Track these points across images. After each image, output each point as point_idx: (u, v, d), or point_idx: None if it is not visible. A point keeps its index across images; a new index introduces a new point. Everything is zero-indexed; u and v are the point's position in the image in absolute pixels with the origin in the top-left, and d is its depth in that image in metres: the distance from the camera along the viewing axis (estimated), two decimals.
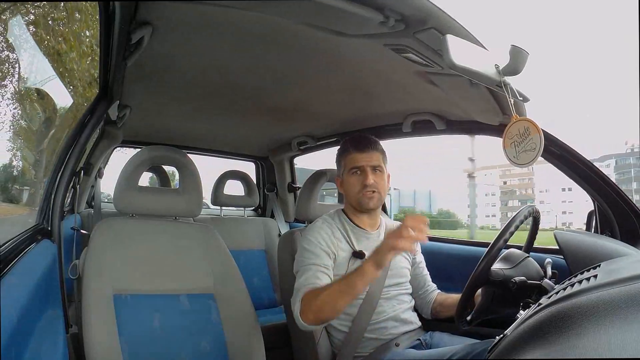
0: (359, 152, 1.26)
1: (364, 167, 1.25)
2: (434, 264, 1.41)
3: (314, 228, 1.26)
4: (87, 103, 1.36)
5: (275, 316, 1.88)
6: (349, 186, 1.27)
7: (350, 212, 1.31)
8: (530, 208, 1.04)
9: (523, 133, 0.86)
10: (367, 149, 1.26)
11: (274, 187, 2.47)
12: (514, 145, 0.88)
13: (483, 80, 0.90)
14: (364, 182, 1.24)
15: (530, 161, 0.87)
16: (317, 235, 1.23)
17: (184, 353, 1.13)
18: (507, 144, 0.88)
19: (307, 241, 1.23)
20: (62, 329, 1.01)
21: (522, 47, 0.86)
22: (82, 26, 3.60)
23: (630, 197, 1.25)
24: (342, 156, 1.30)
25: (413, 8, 0.81)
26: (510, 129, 0.88)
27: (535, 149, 0.86)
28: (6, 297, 0.60)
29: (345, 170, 1.28)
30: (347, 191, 1.29)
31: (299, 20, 0.90)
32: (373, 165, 1.26)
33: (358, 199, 1.25)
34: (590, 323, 0.48)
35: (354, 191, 1.26)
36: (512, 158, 0.88)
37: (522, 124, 0.87)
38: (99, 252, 1.12)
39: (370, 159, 1.26)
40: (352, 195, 1.27)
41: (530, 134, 0.86)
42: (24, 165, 2.97)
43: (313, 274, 1.16)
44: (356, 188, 1.25)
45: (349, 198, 1.29)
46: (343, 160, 1.29)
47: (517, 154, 0.87)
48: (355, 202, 1.27)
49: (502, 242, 0.97)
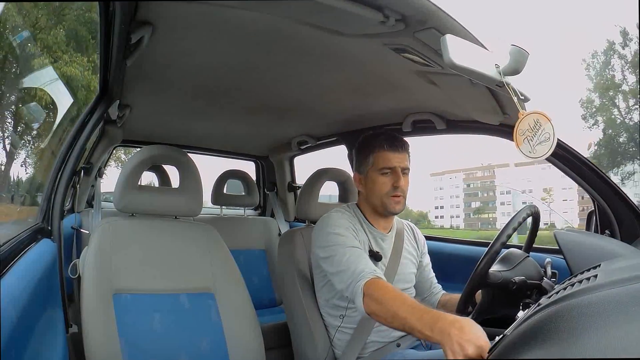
0: (394, 152, 1.19)
1: (397, 169, 1.19)
2: (436, 264, 1.41)
3: (334, 216, 1.19)
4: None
5: (275, 316, 1.88)
6: (376, 185, 1.20)
7: (367, 211, 1.25)
8: (530, 208, 1.03)
9: (534, 126, 0.85)
10: (401, 150, 1.20)
11: (274, 187, 2.47)
12: (527, 141, 0.86)
13: (483, 80, 0.89)
14: (395, 184, 1.18)
15: (547, 152, 0.85)
16: (341, 221, 1.17)
17: (184, 352, 1.13)
18: (520, 140, 0.87)
19: (330, 227, 1.15)
20: (62, 329, 1.01)
21: (522, 47, 0.86)
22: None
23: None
24: (372, 152, 1.21)
25: (413, 8, 0.81)
26: (519, 125, 0.87)
27: (549, 138, 0.84)
28: (6, 297, 0.61)
29: (374, 168, 1.20)
30: (373, 190, 1.21)
31: (299, 20, 0.90)
32: (403, 167, 1.20)
33: (384, 201, 1.20)
34: (590, 323, 0.48)
35: (381, 192, 1.19)
36: (528, 154, 0.86)
37: (531, 117, 0.85)
38: (99, 252, 1.12)
39: (402, 161, 1.20)
40: (378, 195, 1.20)
41: (542, 125, 0.85)
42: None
43: (359, 255, 1.08)
44: (385, 189, 1.19)
45: (373, 198, 1.22)
46: (372, 157, 1.21)
47: (533, 147, 0.86)
48: (380, 203, 1.20)
49: (500, 245, 0.97)
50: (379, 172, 1.20)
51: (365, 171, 1.23)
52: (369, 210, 1.26)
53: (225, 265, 1.25)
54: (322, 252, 1.15)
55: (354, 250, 1.11)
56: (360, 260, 1.08)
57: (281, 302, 2.06)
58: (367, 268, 1.05)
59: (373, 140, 1.23)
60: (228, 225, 2.14)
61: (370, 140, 1.24)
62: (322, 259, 1.15)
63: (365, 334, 1.19)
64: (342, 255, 1.09)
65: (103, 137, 1.81)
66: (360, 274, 1.03)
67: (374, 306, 0.98)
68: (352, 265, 1.07)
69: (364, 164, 1.23)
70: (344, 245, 1.11)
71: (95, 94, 1.24)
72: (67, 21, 8.38)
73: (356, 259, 1.08)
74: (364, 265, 1.06)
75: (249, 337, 1.19)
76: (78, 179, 1.57)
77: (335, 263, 1.10)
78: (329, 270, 1.13)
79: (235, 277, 1.25)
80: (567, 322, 0.50)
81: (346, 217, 1.20)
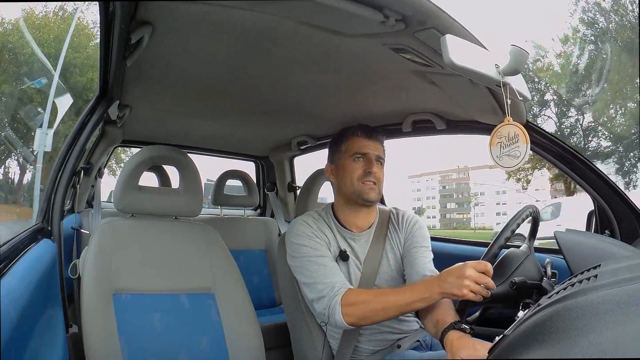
0: (367, 139, 1.17)
1: (370, 155, 1.16)
2: (436, 264, 1.40)
3: (298, 222, 1.19)
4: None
5: (275, 316, 1.88)
6: (347, 172, 1.17)
7: (339, 207, 1.23)
8: (530, 208, 1.04)
9: (512, 138, 0.86)
10: (374, 138, 1.19)
11: (274, 187, 2.46)
12: (500, 146, 0.87)
13: (483, 80, 0.89)
14: (367, 169, 1.15)
15: (511, 167, 0.87)
16: (303, 227, 1.17)
17: (184, 352, 1.12)
18: (494, 142, 0.88)
19: (295, 236, 1.16)
20: (62, 329, 1.01)
21: (522, 47, 0.86)
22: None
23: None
24: (344, 140, 1.20)
25: (413, 8, 0.81)
26: (500, 129, 0.87)
27: (518, 157, 0.85)
28: (6, 297, 0.61)
29: (346, 154, 1.18)
30: (344, 178, 1.18)
31: (299, 20, 0.90)
32: (377, 155, 1.18)
33: (357, 187, 1.15)
34: (590, 323, 0.48)
35: (353, 177, 1.16)
36: (495, 157, 0.87)
37: (513, 128, 0.86)
38: (99, 252, 1.12)
39: (376, 149, 1.19)
40: (349, 182, 1.16)
41: (518, 141, 0.85)
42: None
43: (328, 267, 1.09)
44: (357, 173, 1.15)
45: (345, 186, 1.18)
46: (344, 144, 1.19)
47: (501, 155, 0.87)
48: (352, 191, 1.16)
49: (499, 247, 0.97)
50: (351, 158, 1.18)
51: (337, 160, 1.21)
52: (341, 205, 1.22)
53: (225, 266, 1.25)
54: (292, 261, 1.18)
55: (321, 260, 1.12)
56: (328, 272, 1.10)
57: (281, 302, 2.06)
58: (338, 282, 1.08)
59: (347, 129, 1.22)
60: (228, 226, 2.14)
61: (344, 131, 1.23)
62: (293, 267, 1.18)
63: (356, 332, 1.17)
64: (311, 266, 1.12)
65: (103, 138, 1.81)
66: (334, 290, 1.06)
67: (358, 312, 1.03)
68: (321, 277, 1.10)
69: (336, 152, 1.22)
70: (309, 256, 1.13)
71: (95, 94, 1.24)
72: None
73: (324, 270, 1.10)
74: (333, 278, 1.09)
75: (249, 337, 1.19)
76: (78, 179, 1.57)
77: (305, 274, 1.13)
78: (299, 279, 1.16)
79: (235, 277, 1.25)
80: (567, 322, 0.50)
81: (310, 221, 1.19)
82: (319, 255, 1.13)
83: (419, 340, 1.23)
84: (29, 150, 5.74)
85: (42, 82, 6.03)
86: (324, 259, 1.12)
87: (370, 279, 1.18)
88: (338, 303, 1.04)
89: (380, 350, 1.19)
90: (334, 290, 1.06)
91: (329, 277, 1.09)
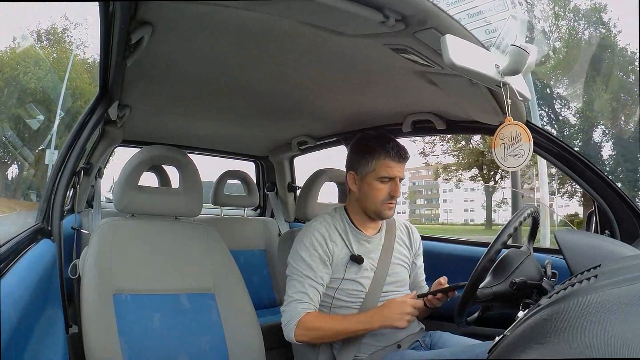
0: (397, 162, 1.19)
1: (396, 179, 1.19)
2: (434, 265, 1.40)
3: (310, 230, 1.21)
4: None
5: (275, 316, 1.88)
6: (373, 192, 1.19)
7: (355, 213, 1.25)
8: (530, 209, 1.03)
9: (514, 137, 0.86)
10: (404, 160, 1.20)
11: (274, 187, 2.46)
12: (504, 147, 0.87)
13: (483, 80, 0.90)
14: (392, 193, 1.18)
15: (516, 166, 0.87)
16: (313, 239, 1.18)
17: (184, 353, 1.12)
18: (497, 144, 0.88)
19: (302, 246, 1.19)
20: (62, 329, 1.01)
21: (522, 47, 0.86)
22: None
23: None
24: (376, 158, 1.19)
25: (413, 8, 0.81)
26: (502, 130, 0.88)
27: (523, 156, 0.85)
28: (6, 297, 0.61)
29: (374, 174, 1.19)
30: (368, 196, 1.20)
31: (298, 20, 0.90)
32: (401, 177, 1.21)
33: (379, 208, 1.20)
34: (590, 323, 0.48)
35: (378, 199, 1.19)
36: (499, 159, 0.87)
37: (514, 128, 0.86)
38: (99, 252, 1.12)
39: (402, 171, 1.20)
40: (373, 202, 1.20)
41: (521, 140, 0.85)
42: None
43: (306, 289, 1.15)
44: (381, 197, 1.19)
45: (367, 203, 1.21)
46: (374, 163, 1.19)
47: (505, 156, 0.87)
48: (374, 210, 1.20)
49: (501, 245, 0.97)
50: (378, 180, 1.19)
51: (363, 174, 1.21)
52: (357, 212, 1.24)
53: (225, 266, 1.25)
54: (287, 270, 1.22)
55: (307, 281, 1.17)
56: (304, 296, 1.16)
57: (281, 302, 2.06)
58: (304, 307, 1.15)
59: (377, 144, 1.19)
60: (228, 226, 2.14)
61: (374, 144, 1.20)
62: (286, 274, 1.22)
63: (359, 337, 1.17)
64: (296, 282, 1.17)
65: (103, 138, 1.81)
66: (295, 313, 1.14)
67: (311, 335, 1.14)
68: (295, 294, 1.16)
69: (363, 166, 1.21)
70: (302, 272, 1.17)
71: (95, 94, 1.24)
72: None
73: (303, 289, 1.16)
74: (303, 302, 1.15)
75: (249, 337, 1.19)
76: (78, 179, 1.57)
77: (289, 286, 1.19)
78: (286, 287, 1.20)
79: (235, 278, 1.25)
80: (567, 322, 0.50)
81: (323, 228, 1.21)
82: (308, 276, 1.17)
83: (419, 340, 1.24)
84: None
85: (41, 118, 8.70)
86: (309, 280, 1.17)
87: (381, 279, 1.21)
88: (295, 325, 1.14)
89: (379, 350, 1.19)
90: (296, 311, 1.14)
91: (302, 298, 1.16)
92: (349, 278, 1.19)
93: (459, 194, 13.54)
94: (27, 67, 9.43)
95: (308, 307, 1.15)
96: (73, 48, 10.78)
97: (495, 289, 0.95)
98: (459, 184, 13.27)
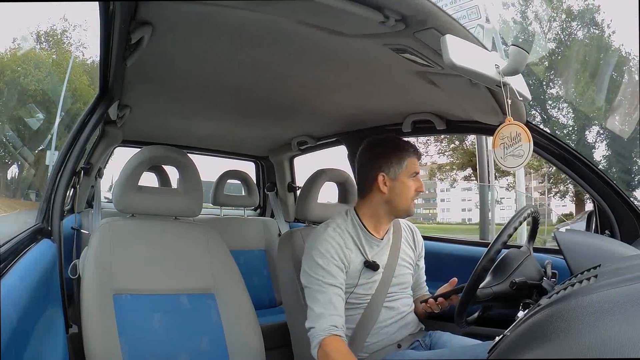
0: (418, 159, 1.24)
1: (419, 176, 1.24)
2: (434, 264, 1.40)
3: (324, 237, 1.18)
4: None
5: (275, 316, 1.88)
6: (406, 190, 1.20)
7: (367, 216, 1.23)
8: (530, 209, 1.04)
9: (514, 137, 0.86)
10: (420, 158, 1.26)
11: (274, 187, 2.47)
12: (504, 147, 0.87)
13: (483, 81, 0.90)
14: (419, 189, 1.22)
15: (516, 166, 0.87)
16: (329, 246, 1.16)
17: (184, 353, 1.12)
18: (497, 143, 0.88)
19: (318, 253, 1.16)
20: (62, 329, 1.01)
21: (522, 47, 0.86)
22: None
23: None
24: (406, 156, 1.22)
25: (413, 8, 0.81)
26: (502, 130, 0.88)
27: (522, 156, 0.85)
28: (6, 297, 0.61)
29: (407, 172, 1.21)
30: (402, 194, 1.20)
31: (298, 20, 0.90)
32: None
33: (410, 205, 1.22)
34: (590, 323, 0.48)
35: (409, 196, 1.21)
36: (499, 159, 0.88)
37: (514, 128, 0.86)
38: (99, 252, 1.12)
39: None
40: (406, 200, 1.21)
41: (521, 140, 0.86)
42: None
43: (331, 299, 1.12)
44: (412, 194, 1.21)
45: (400, 202, 1.21)
46: (406, 161, 1.21)
47: (505, 156, 0.87)
48: (406, 207, 1.21)
49: (501, 245, 0.97)
50: (410, 177, 1.21)
51: (396, 174, 1.21)
52: (370, 215, 1.23)
53: (225, 266, 1.25)
54: (304, 279, 1.18)
55: (330, 289, 1.13)
56: (329, 305, 1.11)
57: (281, 302, 2.06)
58: (331, 321, 1.10)
59: (404, 144, 1.24)
60: (228, 226, 2.14)
61: (403, 143, 1.24)
62: (304, 283, 1.18)
63: (364, 334, 1.19)
64: (317, 293, 1.13)
65: (103, 138, 1.81)
66: (323, 328, 1.09)
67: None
68: (321, 308, 1.11)
69: (396, 166, 1.21)
70: (322, 282, 1.14)
71: (95, 94, 1.24)
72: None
73: (326, 301, 1.12)
74: (331, 315, 1.10)
75: (249, 337, 1.19)
76: (78, 179, 1.57)
77: (310, 299, 1.14)
78: (306, 299, 1.16)
79: (235, 278, 1.25)
80: (567, 322, 0.50)
81: (338, 235, 1.19)
82: (329, 283, 1.14)
83: (419, 340, 1.24)
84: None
85: (41, 117, 8.95)
86: (332, 288, 1.13)
87: (387, 281, 1.21)
88: (318, 343, 1.09)
89: (379, 350, 1.19)
90: (322, 327, 1.10)
91: (328, 310, 1.11)
92: (362, 284, 1.19)
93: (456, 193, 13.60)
94: (27, 69, 9.58)
95: (334, 322, 1.10)
96: (72, 50, 10.98)
97: (495, 289, 0.95)
98: (453, 184, 13.34)
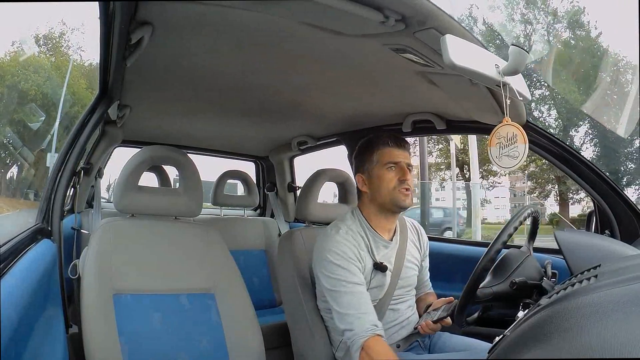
0: (397, 148, 1.20)
1: (402, 164, 1.19)
2: (435, 264, 1.41)
3: (338, 239, 1.16)
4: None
5: (275, 316, 1.88)
6: (383, 181, 1.18)
7: (371, 213, 1.22)
8: (530, 209, 1.03)
9: (511, 138, 0.86)
10: (404, 147, 1.21)
11: (274, 187, 2.47)
12: (500, 147, 0.87)
13: (483, 80, 0.90)
14: (402, 177, 1.18)
15: (510, 167, 0.87)
16: (345, 248, 1.14)
17: (184, 353, 1.12)
18: (493, 142, 0.88)
19: (335, 255, 1.14)
20: (62, 329, 1.01)
21: (522, 47, 0.86)
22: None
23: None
24: (375, 150, 1.21)
25: (413, 8, 0.81)
26: (499, 129, 0.88)
27: (517, 157, 0.85)
28: (6, 297, 0.61)
29: (379, 164, 1.19)
30: (380, 187, 1.19)
31: (298, 20, 0.90)
32: (407, 163, 1.21)
33: (393, 196, 1.18)
34: (590, 323, 0.48)
35: (388, 187, 1.18)
36: (494, 158, 0.88)
37: (511, 128, 0.86)
38: (99, 252, 1.12)
39: (406, 157, 1.22)
40: (385, 191, 1.18)
41: (517, 142, 0.86)
42: None
43: (363, 297, 1.11)
44: (392, 184, 1.18)
45: (381, 195, 1.19)
46: (376, 155, 1.20)
47: (500, 155, 0.87)
48: (389, 199, 1.18)
49: (501, 245, 0.97)
50: (384, 168, 1.19)
51: (369, 169, 1.21)
52: (373, 213, 1.22)
53: (225, 266, 1.25)
54: (326, 282, 1.15)
55: (355, 288, 1.12)
56: (361, 304, 1.10)
57: (281, 302, 2.06)
58: (369, 320, 1.08)
59: (375, 139, 1.23)
60: (228, 226, 2.15)
61: (372, 140, 1.24)
62: (327, 290, 1.15)
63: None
64: (345, 295, 1.11)
65: (103, 138, 1.81)
66: (364, 329, 1.07)
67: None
68: (353, 309, 1.09)
69: (367, 162, 1.22)
70: (346, 282, 1.12)
71: (95, 94, 1.24)
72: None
73: (358, 302, 1.10)
74: (366, 311, 1.09)
75: (249, 337, 1.19)
76: (78, 179, 1.57)
77: (339, 303, 1.12)
78: (332, 306, 1.14)
79: (235, 278, 1.25)
80: (567, 322, 0.50)
81: (350, 237, 1.17)
82: (354, 282, 1.12)
83: (418, 341, 1.24)
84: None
85: (42, 118, 9.07)
86: (358, 287, 1.12)
87: (394, 283, 1.21)
88: (360, 346, 1.06)
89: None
90: (363, 329, 1.07)
91: (361, 310, 1.10)
92: (373, 286, 1.18)
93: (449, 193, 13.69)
94: (27, 74, 9.70)
95: (373, 321, 1.09)
96: (71, 53, 11.17)
97: (495, 289, 0.95)
98: (442, 183, 13.43)
